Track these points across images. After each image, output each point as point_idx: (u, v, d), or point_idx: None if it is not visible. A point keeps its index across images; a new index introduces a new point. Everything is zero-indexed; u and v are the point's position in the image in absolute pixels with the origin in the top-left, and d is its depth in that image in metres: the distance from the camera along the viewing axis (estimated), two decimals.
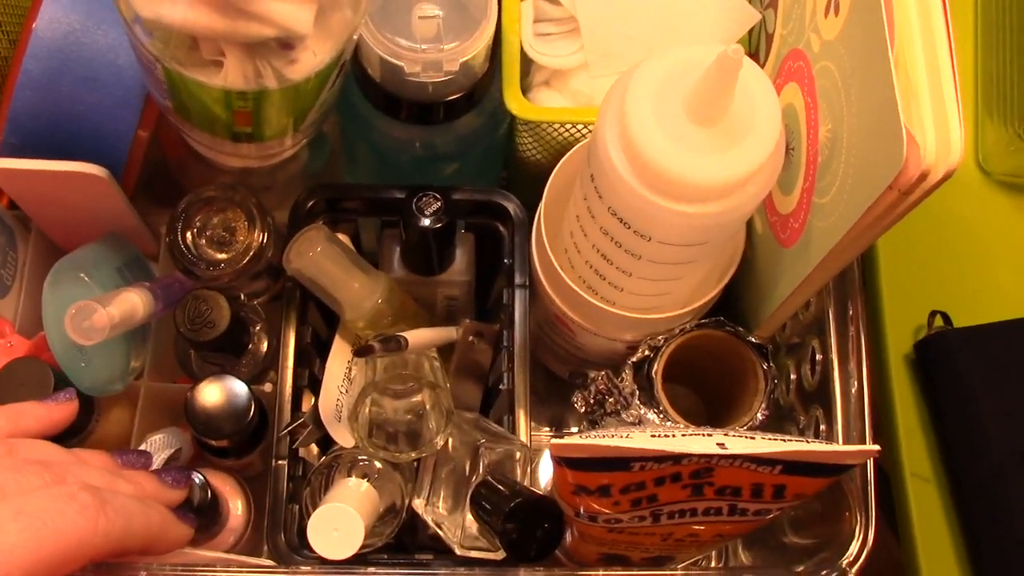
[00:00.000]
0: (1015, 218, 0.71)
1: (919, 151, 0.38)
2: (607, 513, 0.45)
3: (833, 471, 0.42)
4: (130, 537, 0.39)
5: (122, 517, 0.38)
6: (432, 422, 0.53)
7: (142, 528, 0.40)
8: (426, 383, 0.53)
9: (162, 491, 0.45)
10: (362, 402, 0.52)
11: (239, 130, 0.47)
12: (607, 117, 0.46)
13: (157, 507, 0.42)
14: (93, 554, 0.37)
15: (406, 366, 0.53)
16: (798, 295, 0.50)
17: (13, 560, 0.34)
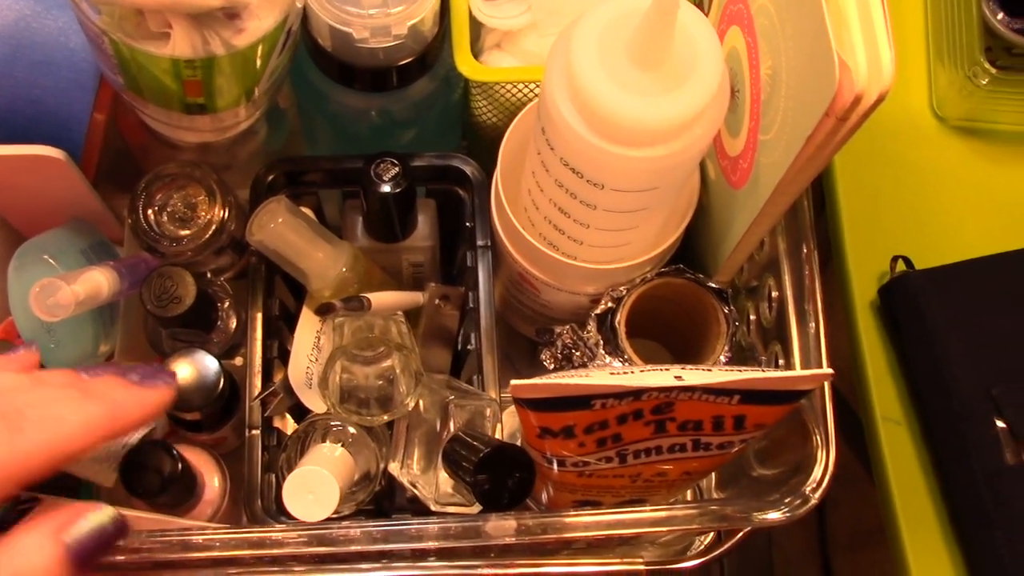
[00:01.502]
0: (971, 161, 0.72)
1: (851, 75, 0.39)
2: (573, 456, 0.46)
3: (790, 397, 0.43)
4: (69, 438, 0.38)
5: (45, 429, 0.38)
6: (402, 385, 0.54)
7: (81, 425, 0.38)
8: (394, 346, 0.53)
9: (130, 394, 0.42)
10: (331, 367, 0.52)
11: (191, 101, 0.47)
12: (553, 68, 0.46)
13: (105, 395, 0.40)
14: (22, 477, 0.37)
15: (373, 330, 0.53)
16: (752, 234, 0.50)
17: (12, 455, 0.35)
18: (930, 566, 0.62)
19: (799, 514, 0.46)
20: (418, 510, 0.56)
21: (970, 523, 0.61)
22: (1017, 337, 0.64)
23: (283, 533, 0.46)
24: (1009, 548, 0.58)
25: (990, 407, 0.62)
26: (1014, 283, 0.65)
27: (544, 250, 0.55)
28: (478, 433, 0.52)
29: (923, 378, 0.65)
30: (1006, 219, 0.70)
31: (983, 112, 0.71)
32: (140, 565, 0.46)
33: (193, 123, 0.50)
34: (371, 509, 0.58)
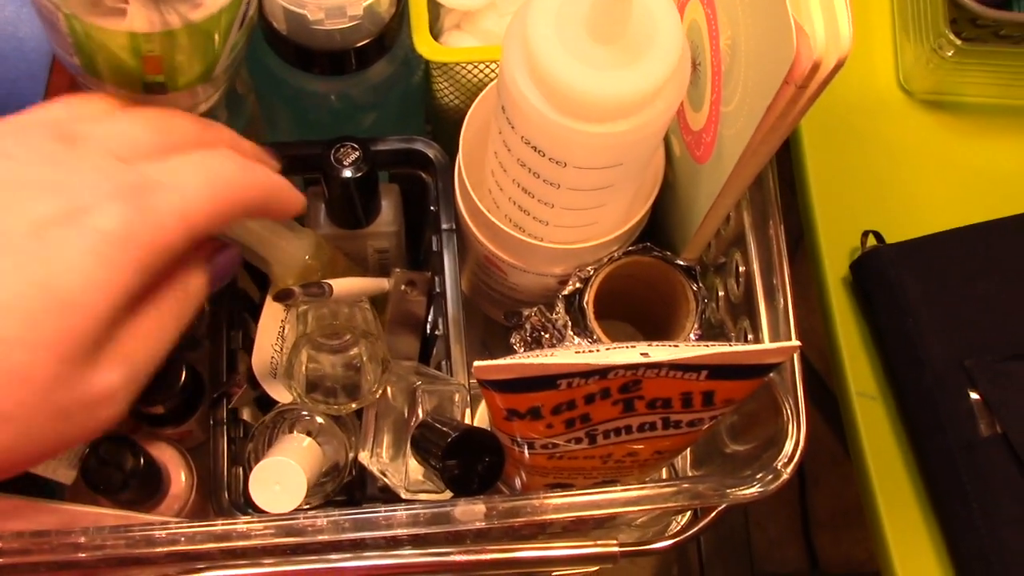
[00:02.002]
0: (939, 134, 0.73)
1: (809, 41, 0.38)
2: (542, 438, 0.46)
3: (758, 372, 0.43)
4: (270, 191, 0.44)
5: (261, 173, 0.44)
6: (369, 373, 0.53)
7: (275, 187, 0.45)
8: (359, 333, 0.52)
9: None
10: (296, 356, 0.51)
11: (151, 79, 0.46)
12: (511, 44, 0.46)
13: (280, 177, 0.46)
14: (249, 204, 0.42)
15: (337, 317, 0.53)
16: (717, 209, 0.50)
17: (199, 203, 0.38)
18: (908, 539, 0.62)
19: (772, 489, 0.45)
20: (390, 499, 0.55)
21: (946, 495, 0.61)
22: (988, 308, 0.64)
23: (248, 525, 0.45)
24: (985, 519, 0.59)
25: (963, 379, 0.62)
26: (984, 254, 0.65)
27: (510, 232, 0.54)
28: (446, 418, 0.51)
29: (896, 352, 0.65)
30: (974, 191, 0.71)
31: (950, 85, 0.72)
32: (103, 562, 0.45)
33: (153, 103, 0.49)
34: (342, 499, 0.58)
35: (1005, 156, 0.72)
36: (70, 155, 0.37)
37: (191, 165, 0.39)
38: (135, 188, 0.36)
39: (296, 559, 0.49)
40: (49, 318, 0.33)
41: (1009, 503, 0.59)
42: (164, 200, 0.37)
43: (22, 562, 0.44)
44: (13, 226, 0.34)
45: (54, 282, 0.34)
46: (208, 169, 0.40)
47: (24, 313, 0.33)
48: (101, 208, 0.35)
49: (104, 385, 0.36)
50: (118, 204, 0.35)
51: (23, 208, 0.34)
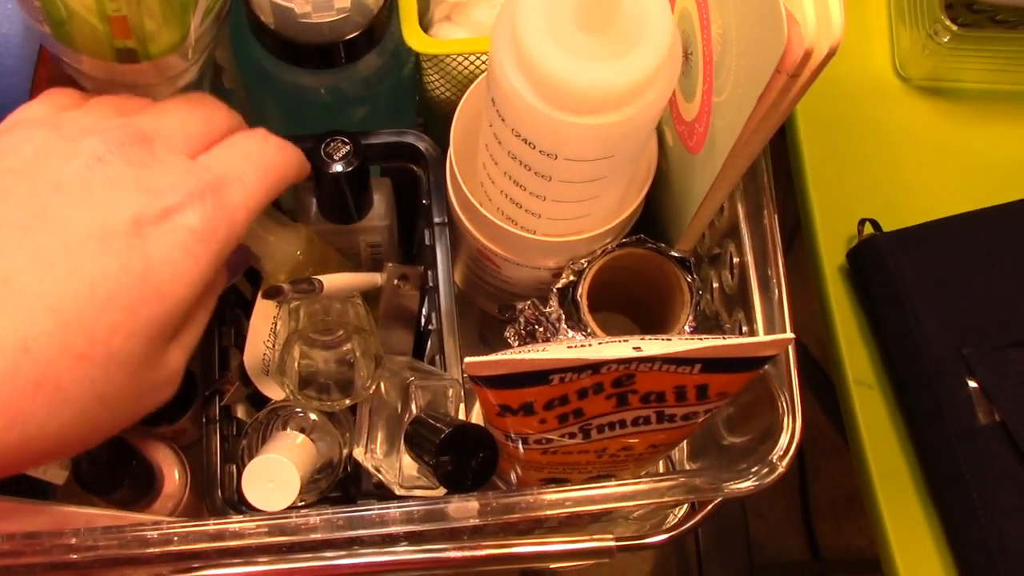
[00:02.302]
0: (935, 121, 0.72)
1: (800, 29, 0.37)
2: (536, 433, 0.45)
3: (752, 364, 0.42)
4: (300, 164, 0.49)
5: (296, 151, 0.48)
6: (362, 369, 0.53)
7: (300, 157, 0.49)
8: (352, 329, 0.52)
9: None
10: (288, 352, 0.51)
11: (120, 45, 0.45)
12: (500, 37, 0.45)
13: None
14: (286, 185, 0.47)
15: (329, 313, 0.52)
16: (711, 200, 0.49)
17: (256, 194, 0.43)
18: (907, 528, 0.62)
19: (768, 483, 0.45)
20: (385, 495, 0.55)
21: (945, 484, 0.61)
22: (986, 296, 0.63)
23: (241, 524, 0.45)
24: (984, 507, 0.58)
25: (961, 367, 0.61)
26: (982, 242, 0.65)
27: (502, 225, 0.54)
28: (440, 414, 0.51)
29: (894, 341, 0.64)
30: (972, 178, 0.70)
31: (946, 71, 0.71)
32: (96, 563, 0.45)
33: (128, 75, 0.48)
34: (337, 496, 0.57)
35: (1002, 142, 0.71)
36: (150, 156, 0.40)
37: (241, 154, 0.44)
38: (210, 187, 0.40)
39: (291, 557, 0.49)
40: (146, 307, 0.37)
41: (1008, 491, 0.59)
42: (232, 195, 0.41)
43: (14, 564, 0.43)
44: (114, 224, 0.37)
45: (151, 275, 0.37)
46: (255, 155, 0.44)
47: (126, 301, 0.37)
48: (186, 207, 0.39)
49: (172, 368, 0.41)
50: (199, 203, 0.40)
51: (121, 206, 0.38)
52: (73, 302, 0.35)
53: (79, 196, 0.38)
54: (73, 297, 0.35)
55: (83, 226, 0.37)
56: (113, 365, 0.37)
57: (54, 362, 0.35)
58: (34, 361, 0.35)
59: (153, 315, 0.38)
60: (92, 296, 0.36)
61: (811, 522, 1.32)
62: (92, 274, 0.36)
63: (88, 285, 0.36)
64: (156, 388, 0.40)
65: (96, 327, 0.36)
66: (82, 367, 0.36)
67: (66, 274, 0.36)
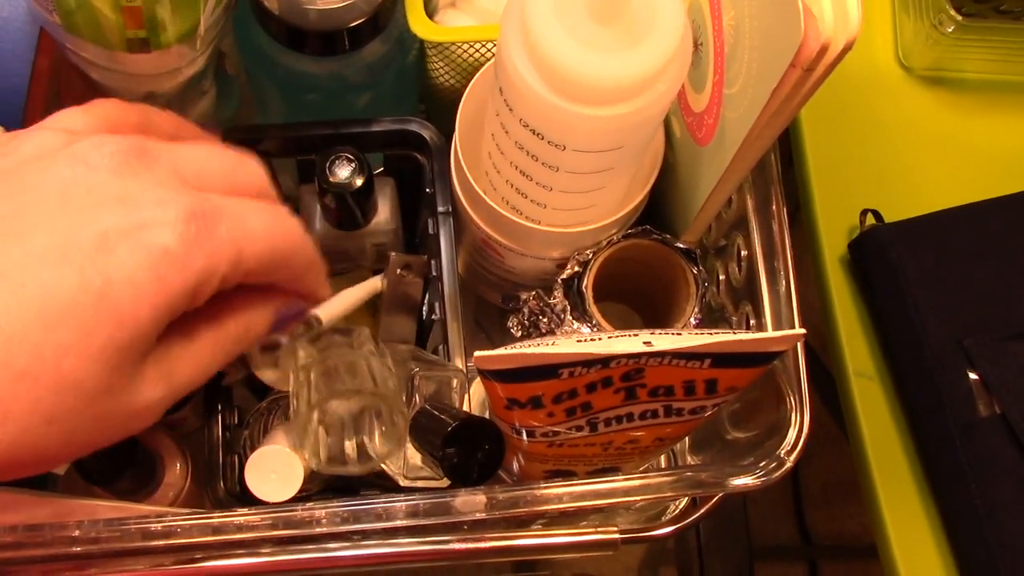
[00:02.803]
0: (938, 111, 0.72)
1: (817, 23, 0.37)
2: (543, 426, 0.45)
3: (761, 360, 0.42)
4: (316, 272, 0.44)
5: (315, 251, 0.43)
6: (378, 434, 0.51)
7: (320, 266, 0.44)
8: (368, 394, 0.50)
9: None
10: (309, 423, 0.49)
11: (132, 35, 0.45)
12: (509, 26, 0.45)
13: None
14: (300, 268, 0.42)
15: (339, 372, 0.50)
16: (719, 192, 0.49)
17: (256, 241, 0.38)
18: (906, 520, 0.62)
19: (774, 478, 0.45)
20: (387, 485, 0.54)
21: (945, 476, 0.61)
22: (987, 287, 0.63)
23: (245, 517, 0.44)
24: (983, 500, 0.58)
25: (962, 359, 0.61)
26: (983, 233, 0.65)
27: (507, 215, 0.53)
28: (445, 405, 0.51)
29: (895, 332, 0.64)
30: (974, 169, 0.70)
31: (949, 61, 0.71)
32: (100, 555, 0.44)
33: (136, 64, 0.48)
34: (339, 486, 0.57)
35: (1005, 133, 0.71)
36: (143, 170, 0.37)
37: (257, 208, 0.39)
38: (200, 212, 0.37)
39: (293, 548, 0.49)
40: (102, 328, 0.34)
41: (1008, 484, 0.59)
42: (224, 230, 0.37)
43: (16, 556, 0.43)
44: (81, 236, 0.35)
45: (111, 293, 0.34)
46: (273, 217, 0.40)
47: (80, 321, 0.34)
48: (164, 225, 0.36)
49: (145, 400, 0.37)
50: (181, 224, 0.36)
51: (93, 217, 0.35)
52: (19, 315, 0.33)
53: (55, 204, 0.36)
54: (20, 310, 0.33)
55: (49, 236, 0.35)
56: (63, 387, 0.34)
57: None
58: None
59: (110, 339, 0.35)
60: (42, 311, 0.34)
61: (802, 508, 1.32)
62: (45, 287, 0.34)
63: (39, 299, 0.34)
64: (125, 418, 0.37)
65: (43, 345, 0.34)
66: (24, 384, 0.34)
67: (17, 284, 0.34)
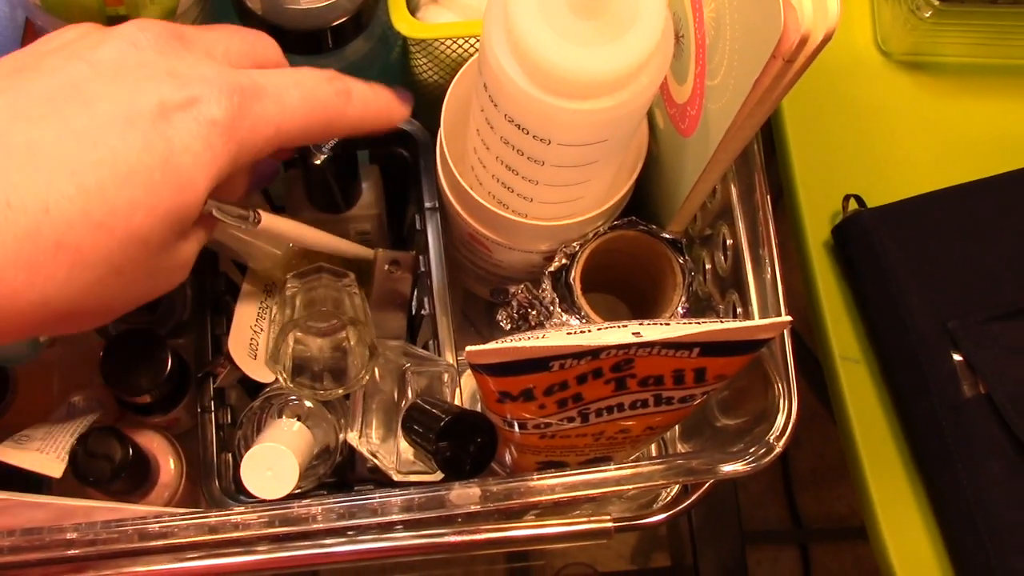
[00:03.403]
0: (918, 96, 0.72)
1: (796, 15, 0.38)
2: (535, 418, 0.45)
3: (749, 347, 0.43)
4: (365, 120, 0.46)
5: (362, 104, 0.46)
6: (357, 358, 0.53)
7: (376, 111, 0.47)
8: (347, 319, 0.52)
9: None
10: (282, 340, 0.51)
11: (112, 12, 0.46)
12: (492, 22, 0.45)
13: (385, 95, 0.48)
14: (337, 132, 0.46)
15: (325, 303, 0.52)
16: (703, 182, 0.50)
17: (293, 117, 0.42)
18: (894, 501, 0.63)
19: (764, 464, 0.46)
20: (380, 480, 0.55)
21: (932, 457, 0.62)
22: (970, 269, 0.64)
23: (242, 516, 0.45)
24: (970, 479, 0.59)
25: (946, 341, 0.62)
26: (964, 216, 0.66)
27: (494, 209, 0.53)
28: (436, 400, 0.51)
29: (879, 315, 0.65)
30: (954, 152, 0.71)
31: (927, 45, 0.71)
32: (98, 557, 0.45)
33: None
34: (333, 481, 0.57)
35: (984, 116, 0.72)
36: (184, 51, 0.41)
37: (292, 79, 0.43)
38: (243, 88, 0.40)
39: (289, 544, 0.49)
40: (167, 190, 0.38)
41: (993, 463, 0.60)
42: (264, 106, 0.41)
43: (14, 560, 0.43)
44: (141, 105, 0.38)
45: (173, 159, 0.38)
46: (306, 88, 0.43)
47: (148, 182, 0.37)
48: (211, 99, 0.39)
49: (186, 256, 0.42)
50: (227, 99, 0.40)
51: (151, 90, 0.38)
52: (95, 172, 0.36)
53: (110, 76, 0.39)
54: (95, 167, 0.36)
55: (110, 104, 0.38)
56: (133, 241, 0.38)
57: (74, 226, 0.36)
58: (55, 223, 0.36)
59: (174, 202, 0.38)
60: (114, 169, 0.37)
61: (792, 491, 1.34)
62: (115, 149, 0.37)
63: (111, 158, 0.37)
64: (170, 272, 0.42)
65: (117, 200, 0.37)
66: (101, 235, 0.37)
67: (91, 145, 0.37)
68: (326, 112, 0.44)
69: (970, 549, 0.59)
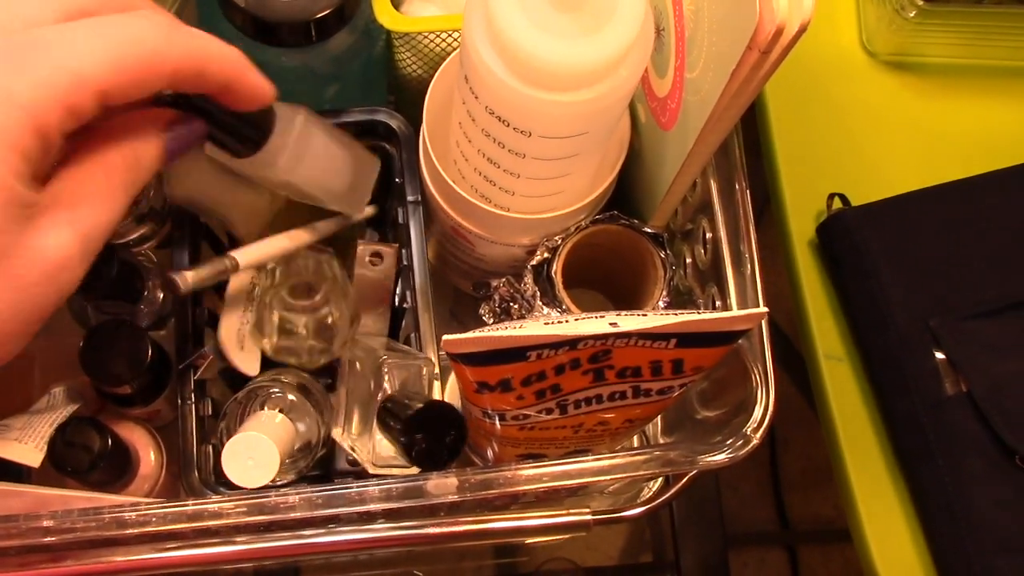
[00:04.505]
0: (902, 96, 0.73)
1: (772, 6, 0.38)
2: (513, 409, 0.46)
3: (725, 339, 0.43)
4: (208, 62, 0.38)
5: (197, 40, 0.38)
6: (340, 329, 0.52)
7: (220, 58, 0.39)
8: (328, 284, 0.52)
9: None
10: (265, 310, 0.51)
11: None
12: (473, 14, 0.45)
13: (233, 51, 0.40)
14: (171, 67, 0.37)
15: (306, 269, 0.52)
16: (683, 176, 0.50)
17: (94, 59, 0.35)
18: (876, 498, 0.63)
19: (742, 455, 0.46)
20: (360, 473, 0.55)
21: (913, 454, 0.62)
22: (952, 268, 0.64)
23: (220, 504, 0.45)
24: (952, 476, 0.59)
25: (928, 339, 0.62)
26: (947, 215, 0.66)
27: (476, 203, 0.54)
28: (412, 393, 0.51)
29: (862, 314, 0.65)
30: (938, 151, 0.71)
31: (912, 46, 0.72)
32: (75, 545, 0.45)
33: None
34: (316, 475, 0.57)
35: (967, 116, 0.72)
36: None
37: (89, 27, 0.36)
38: (14, 48, 0.34)
39: (269, 536, 0.49)
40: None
41: (974, 460, 0.60)
42: (48, 57, 0.34)
43: None
44: None
45: None
46: (111, 30, 0.36)
47: None
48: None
49: (56, 248, 0.35)
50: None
51: None
52: None
53: None
54: None
55: None
56: None
57: None
58: None
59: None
60: None
61: (780, 493, 1.34)
62: None
63: None
64: (43, 277, 0.35)
65: None
66: None
67: None
68: (142, 50, 0.36)
69: (951, 545, 0.59)
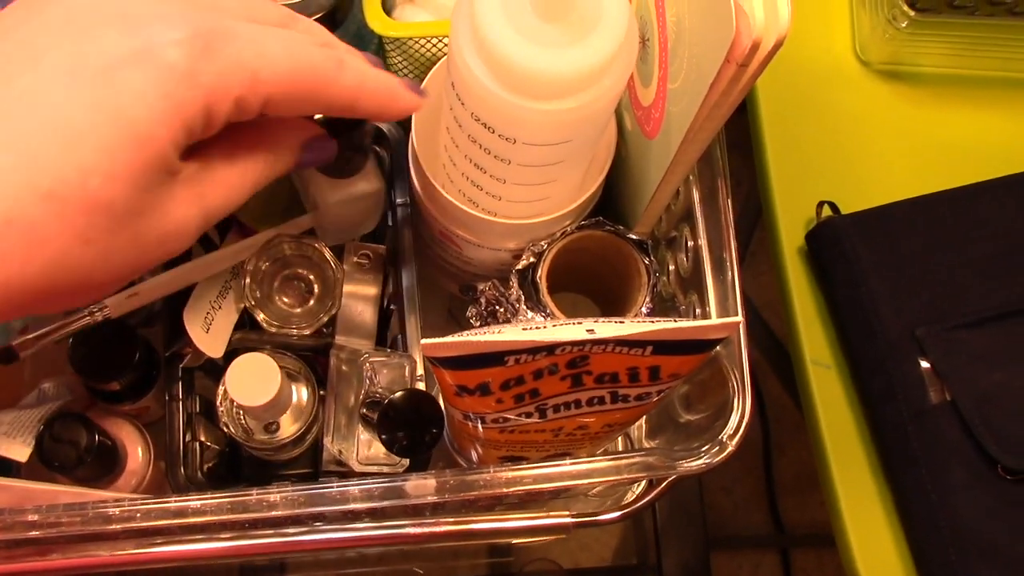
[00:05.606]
0: (894, 105, 0.73)
1: (748, 21, 0.38)
2: (492, 412, 0.46)
3: (702, 347, 0.43)
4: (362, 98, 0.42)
5: (361, 78, 0.41)
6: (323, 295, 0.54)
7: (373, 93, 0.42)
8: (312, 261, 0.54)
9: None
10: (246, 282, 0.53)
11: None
12: (459, 22, 0.46)
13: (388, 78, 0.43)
14: (331, 99, 0.41)
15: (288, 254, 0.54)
16: (666, 184, 0.50)
17: (274, 68, 0.38)
18: (861, 504, 0.64)
19: (718, 461, 0.46)
20: (345, 472, 0.55)
21: (898, 462, 0.62)
22: (939, 278, 0.65)
23: (202, 501, 0.45)
24: (935, 484, 0.60)
25: (914, 347, 0.63)
26: (936, 225, 0.66)
27: (463, 207, 0.54)
28: (390, 389, 0.52)
29: (850, 321, 0.66)
30: (929, 161, 0.71)
31: (905, 55, 0.72)
32: (60, 539, 0.45)
33: None
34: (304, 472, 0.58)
35: (959, 126, 0.72)
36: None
37: (278, 35, 0.38)
38: (210, 32, 0.36)
39: (253, 533, 0.50)
40: (122, 149, 0.35)
41: (957, 469, 0.60)
42: (237, 50, 0.37)
43: None
44: (87, 55, 0.35)
45: (125, 112, 0.34)
46: (297, 48, 0.39)
47: (99, 141, 0.34)
48: (171, 43, 0.35)
49: (178, 221, 0.38)
50: (189, 42, 0.35)
51: (97, 36, 0.35)
52: (37, 137, 0.34)
53: (59, 25, 0.35)
54: (37, 132, 0.34)
55: (56, 58, 0.35)
56: (93, 208, 0.34)
57: (21, 199, 0.33)
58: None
59: (133, 161, 0.35)
60: (59, 133, 0.34)
61: (775, 498, 1.34)
62: (59, 108, 0.34)
63: (54, 121, 0.34)
64: (160, 240, 0.37)
65: (65, 166, 0.34)
66: (53, 206, 0.34)
67: (31, 107, 0.34)
68: (314, 73, 0.39)
69: (934, 553, 0.60)
